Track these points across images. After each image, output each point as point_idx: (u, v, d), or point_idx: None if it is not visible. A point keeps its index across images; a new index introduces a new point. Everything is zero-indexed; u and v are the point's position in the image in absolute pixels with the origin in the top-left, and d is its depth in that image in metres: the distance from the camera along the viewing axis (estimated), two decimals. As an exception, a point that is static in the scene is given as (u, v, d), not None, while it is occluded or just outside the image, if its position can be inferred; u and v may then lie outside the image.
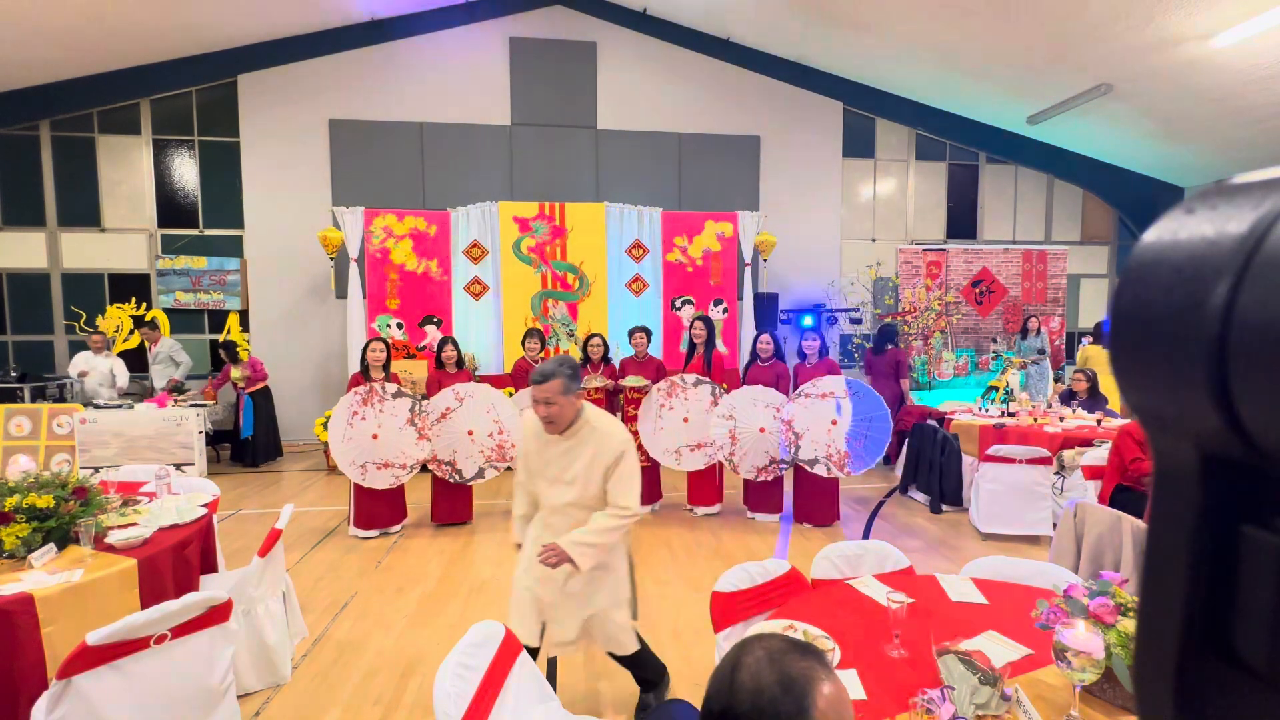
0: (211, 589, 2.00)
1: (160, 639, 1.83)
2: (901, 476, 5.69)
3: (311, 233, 7.42)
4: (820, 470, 4.56)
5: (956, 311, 8.86)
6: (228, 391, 6.98)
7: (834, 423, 4.52)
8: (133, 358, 7.09)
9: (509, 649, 1.66)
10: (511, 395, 4.90)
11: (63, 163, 7.60)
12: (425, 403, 4.60)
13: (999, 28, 6.61)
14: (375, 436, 4.40)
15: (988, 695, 1.30)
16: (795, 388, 4.77)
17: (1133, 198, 9.34)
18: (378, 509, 4.52)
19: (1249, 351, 0.19)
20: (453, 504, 4.77)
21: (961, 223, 9.19)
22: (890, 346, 6.68)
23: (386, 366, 4.66)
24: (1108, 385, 6.44)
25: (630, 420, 4.99)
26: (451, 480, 4.67)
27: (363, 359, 4.63)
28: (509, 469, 4.85)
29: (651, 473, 5.10)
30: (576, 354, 6.15)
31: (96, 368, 6.39)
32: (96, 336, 6.38)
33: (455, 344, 4.96)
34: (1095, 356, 6.76)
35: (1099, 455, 4.02)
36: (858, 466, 4.54)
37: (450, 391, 4.64)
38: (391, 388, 4.50)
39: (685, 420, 4.83)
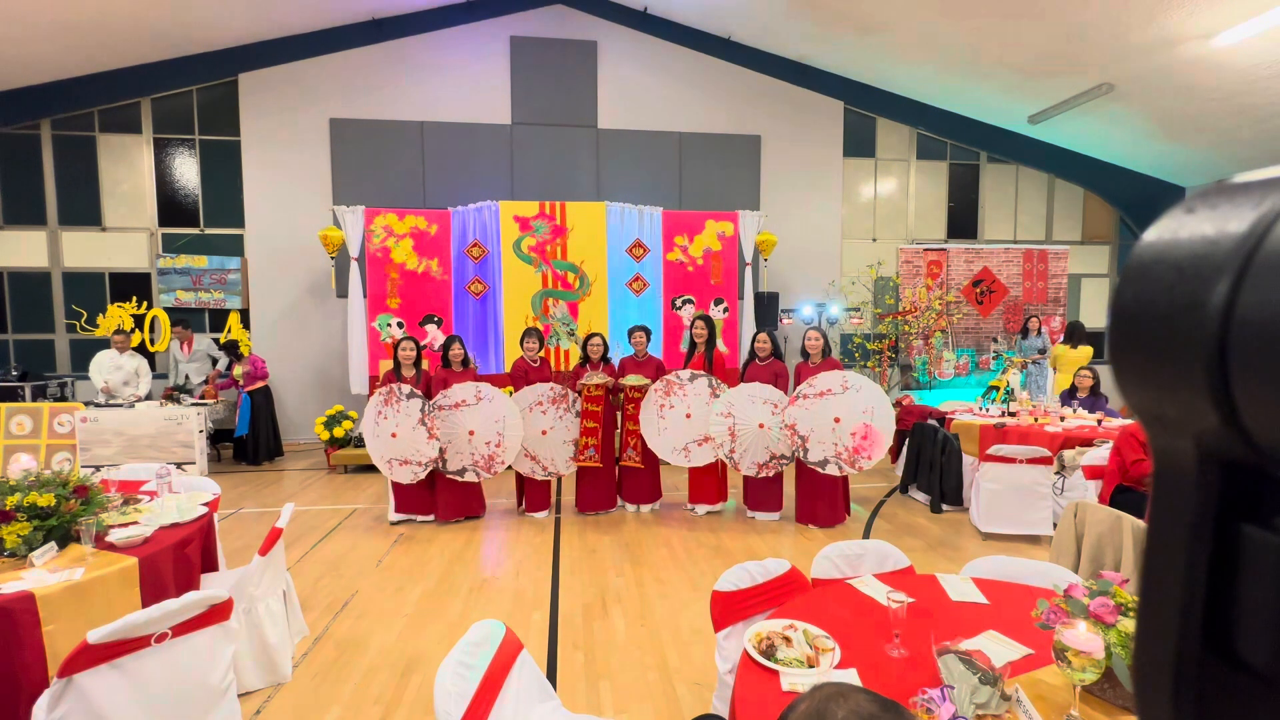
0: (212, 588, 2.00)
1: (161, 637, 1.83)
2: (902, 476, 5.69)
3: (312, 232, 7.43)
4: (832, 470, 4.54)
5: (957, 311, 8.85)
6: (230, 390, 6.99)
7: (837, 420, 4.52)
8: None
9: (509, 648, 1.66)
10: (510, 395, 4.91)
11: (63, 162, 7.60)
12: (432, 402, 4.68)
13: (1000, 27, 6.61)
14: (394, 435, 4.60)
15: (988, 695, 1.30)
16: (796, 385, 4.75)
17: (1134, 197, 9.34)
18: (414, 497, 4.78)
19: (1249, 351, 0.19)
20: (462, 500, 4.82)
21: (962, 222, 9.19)
22: None
23: (418, 364, 4.86)
24: (1062, 385, 6.45)
25: (629, 419, 4.99)
26: (436, 466, 4.75)
27: (395, 358, 4.86)
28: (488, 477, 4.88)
29: (651, 472, 5.10)
30: (577, 353, 6.16)
31: (124, 367, 6.41)
32: (119, 337, 6.40)
33: (462, 343, 5.00)
34: (1062, 356, 6.74)
35: (1099, 455, 4.02)
36: (868, 460, 4.52)
37: (474, 386, 4.72)
38: (405, 389, 4.62)
39: (688, 416, 4.82)
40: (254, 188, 7.76)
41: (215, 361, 6.90)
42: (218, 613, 1.98)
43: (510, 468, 4.91)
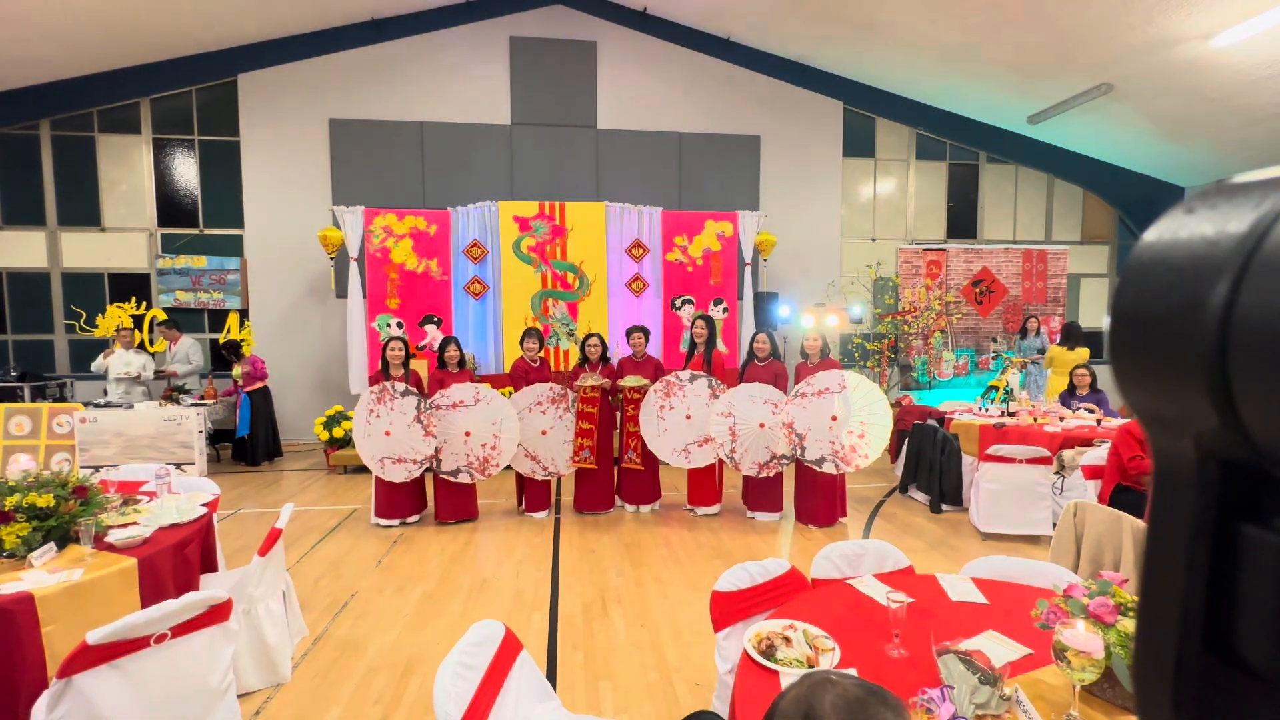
0: (212, 588, 2.00)
1: (160, 638, 1.83)
2: (901, 476, 5.69)
3: (311, 232, 7.42)
4: (829, 468, 4.55)
5: (956, 311, 8.85)
6: (229, 390, 6.98)
7: (834, 419, 4.52)
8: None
9: (509, 648, 1.66)
10: (510, 396, 4.91)
11: (63, 162, 7.60)
12: (429, 401, 4.67)
13: (999, 27, 6.61)
14: (388, 433, 4.57)
15: (988, 695, 1.30)
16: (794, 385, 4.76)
17: (1133, 197, 9.34)
18: (397, 499, 4.71)
19: (1249, 351, 0.19)
20: (457, 502, 4.81)
21: (962, 222, 9.19)
22: None
23: (406, 364, 4.82)
24: (1055, 386, 6.43)
25: (629, 420, 4.99)
26: (430, 466, 4.74)
27: (383, 357, 4.80)
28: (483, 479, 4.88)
29: (651, 472, 5.10)
30: (576, 353, 6.16)
31: (132, 363, 6.42)
32: (124, 333, 6.44)
33: (458, 344, 4.99)
34: (1058, 357, 6.71)
35: (1099, 455, 4.02)
36: (864, 459, 4.52)
37: (473, 387, 4.72)
38: (400, 387, 4.60)
39: (688, 417, 4.82)
40: (253, 188, 7.76)
41: (191, 363, 6.85)
42: (217, 613, 1.98)
43: (510, 468, 4.91)
